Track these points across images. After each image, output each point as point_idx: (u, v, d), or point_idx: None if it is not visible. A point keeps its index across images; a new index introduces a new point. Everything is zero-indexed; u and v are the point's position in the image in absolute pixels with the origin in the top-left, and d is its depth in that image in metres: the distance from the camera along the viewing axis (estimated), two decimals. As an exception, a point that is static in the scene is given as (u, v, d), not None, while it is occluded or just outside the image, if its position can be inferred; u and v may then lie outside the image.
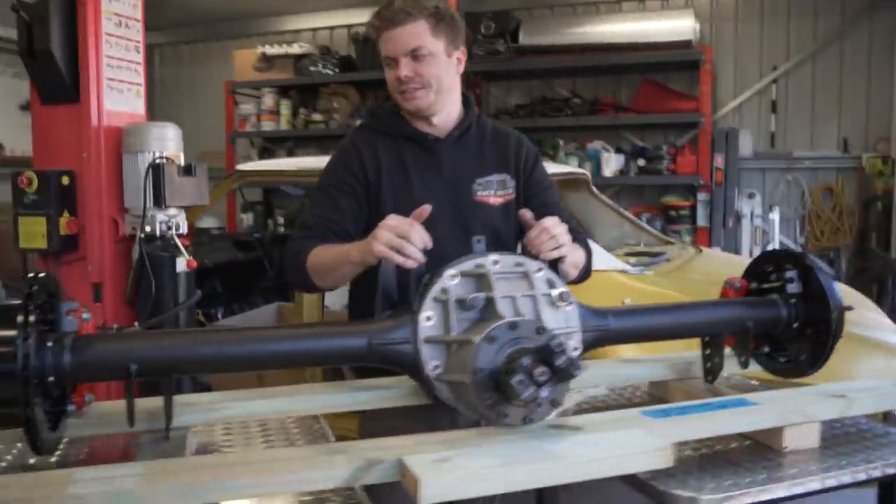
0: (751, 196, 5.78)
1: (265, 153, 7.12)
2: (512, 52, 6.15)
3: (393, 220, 1.50)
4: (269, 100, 6.86)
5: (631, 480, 1.36)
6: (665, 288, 2.72)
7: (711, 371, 1.77)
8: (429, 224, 1.62)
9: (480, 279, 1.46)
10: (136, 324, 2.44)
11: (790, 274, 1.75)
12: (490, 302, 1.42)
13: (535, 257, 1.54)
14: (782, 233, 5.94)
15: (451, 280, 1.46)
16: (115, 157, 2.46)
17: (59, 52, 2.37)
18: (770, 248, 5.78)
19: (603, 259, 2.85)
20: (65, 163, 2.44)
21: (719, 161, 5.74)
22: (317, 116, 6.75)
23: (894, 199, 5.48)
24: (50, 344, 1.22)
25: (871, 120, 5.84)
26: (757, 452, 1.50)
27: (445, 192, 1.85)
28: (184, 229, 2.50)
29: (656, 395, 1.89)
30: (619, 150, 6.18)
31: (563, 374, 1.29)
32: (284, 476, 1.15)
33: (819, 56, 5.97)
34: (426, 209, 1.53)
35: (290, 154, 6.88)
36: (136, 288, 2.43)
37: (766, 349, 1.81)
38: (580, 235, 1.84)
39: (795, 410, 1.50)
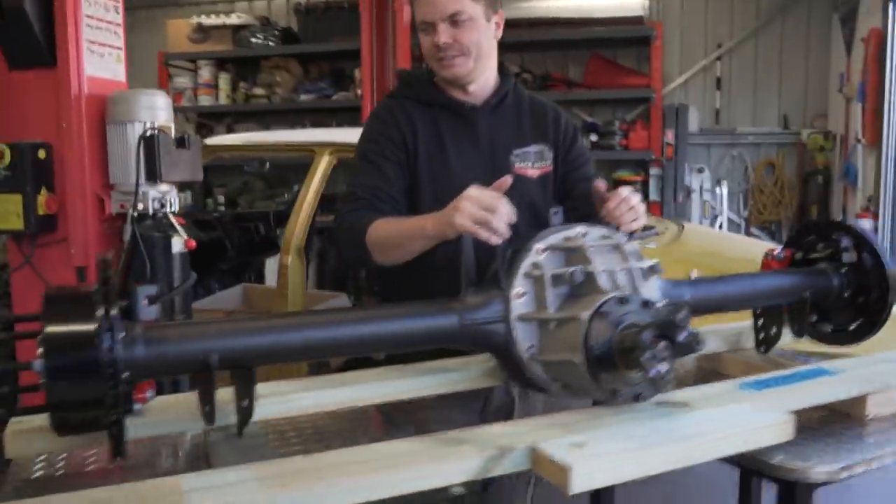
0: (700, 171, 5.91)
1: (202, 129, 6.76)
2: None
3: (476, 192, 1.41)
4: (206, 73, 6.51)
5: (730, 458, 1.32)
6: (676, 260, 2.70)
7: (766, 342, 1.76)
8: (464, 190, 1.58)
9: (573, 253, 1.38)
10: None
11: (844, 243, 1.74)
12: (590, 276, 1.34)
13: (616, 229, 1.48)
14: (720, 207, 6.10)
15: (540, 254, 1.37)
16: (97, 127, 2.23)
17: (33, 9, 2.11)
18: (718, 222, 5.94)
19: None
20: (40, 134, 2.19)
21: (670, 136, 5.82)
22: (258, 91, 6.45)
23: (833, 173, 5.72)
24: (122, 335, 1.06)
25: (809, 97, 6.05)
26: (839, 422, 1.48)
27: (482, 162, 1.78)
28: (176, 207, 2.30)
29: (706, 367, 1.86)
30: (569, 126, 6.18)
31: (683, 350, 1.22)
32: (413, 472, 1.04)
33: (761, 34, 6.13)
34: (507, 180, 1.44)
35: (230, 130, 6.56)
36: (126, 272, 2.21)
37: (814, 318, 1.81)
38: None
39: (879, 378, 1.49)
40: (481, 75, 1.80)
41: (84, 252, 2.21)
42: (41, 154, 2.17)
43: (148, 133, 2.16)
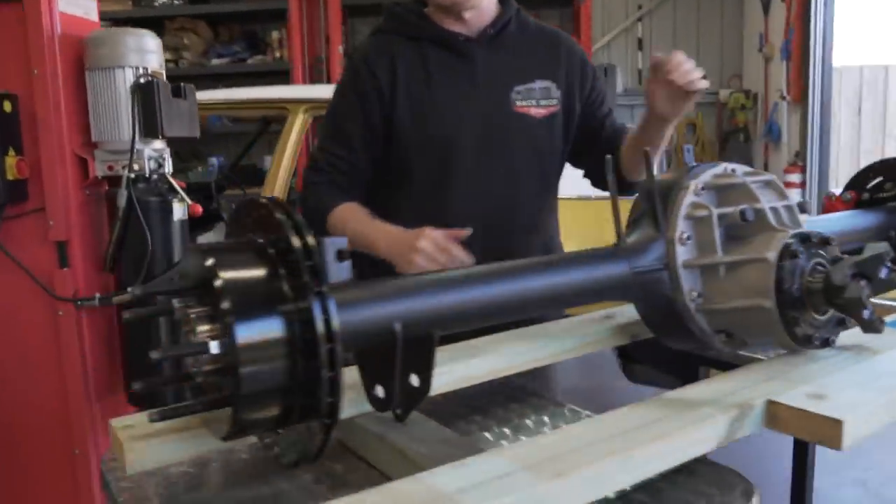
0: (629, 131, 5.97)
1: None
2: (385, -16, 5.76)
3: (437, 234, 1.33)
4: (101, 34, 5.87)
5: None
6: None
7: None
8: (460, 137, 1.56)
9: (732, 190, 1.25)
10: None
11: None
12: (759, 214, 1.21)
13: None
14: (651, 167, 6.21)
15: (699, 194, 1.23)
16: (74, 75, 1.88)
17: (-11, -71, 1.73)
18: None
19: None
20: (3, 83, 1.82)
21: (599, 98, 5.83)
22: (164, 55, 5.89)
23: (753, 131, 5.94)
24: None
25: (725, 58, 6.24)
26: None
27: (479, 102, 1.59)
28: (170, 168, 1.99)
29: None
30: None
31: (883, 286, 1.13)
32: (668, 444, 0.88)
33: (679, -5, 6.25)
34: (464, 233, 1.35)
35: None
36: (120, 245, 1.89)
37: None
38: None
39: None
40: (481, 1, 1.60)
41: (66, 225, 1.87)
42: (7, 107, 1.80)
43: (143, 80, 1.83)
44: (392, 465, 0.94)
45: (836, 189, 1.89)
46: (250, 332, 0.74)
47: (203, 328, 0.79)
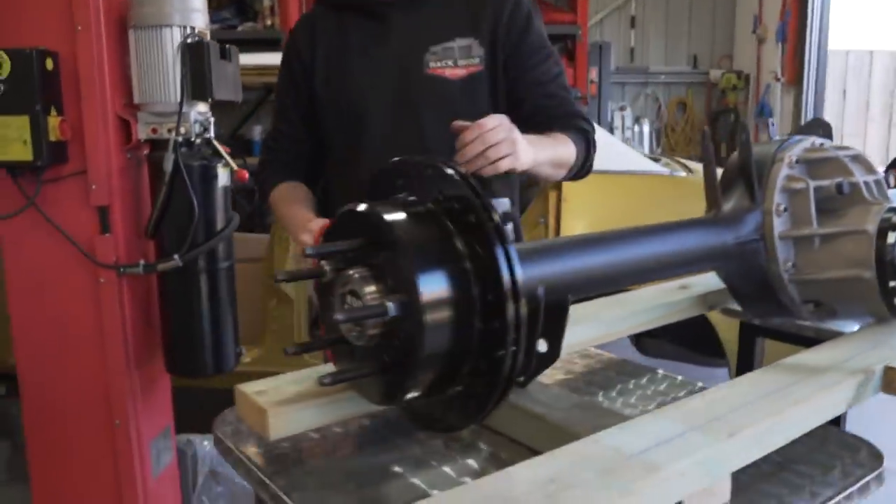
0: (622, 109, 6.00)
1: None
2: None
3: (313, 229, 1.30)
4: None
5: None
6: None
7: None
8: (368, 105, 1.52)
9: (824, 164, 1.26)
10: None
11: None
12: (854, 187, 1.23)
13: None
14: (640, 144, 6.27)
15: (791, 167, 1.24)
16: (117, 33, 1.81)
17: None
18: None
19: (632, 160, 2.74)
20: (44, 40, 1.74)
21: (594, 74, 5.85)
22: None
23: (744, 111, 6.01)
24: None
25: (716, 38, 6.28)
26: None
27: (389, 67, 1.50)
28: (214, 132, 1.94)
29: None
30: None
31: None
32: (810, 406, 0.89)
33: (672, -26, 6.27)
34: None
35: None
36: (164, 211, 1.84)
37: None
38: (575, 121, 1.49)
39: None
40: None
41: (107, 189, 1.81)
42: (48, 64, 1.73)
43: (192, 41, 1.78)
44: (526, 431, 0.94)
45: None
46: (432, 288, 0.73)
47: (370, 289, 0.77)
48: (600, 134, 1.77)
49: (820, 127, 1.71)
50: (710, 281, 1.38)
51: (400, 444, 0.96)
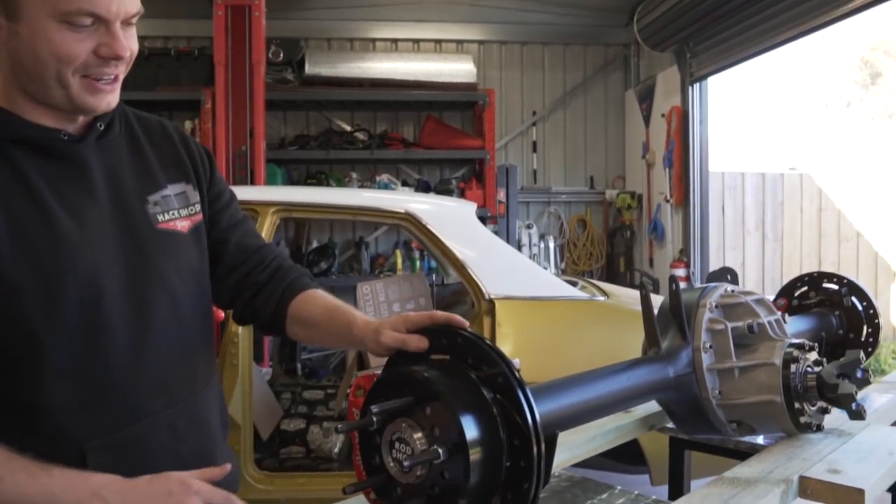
0: (528, 227, 6.44)
1: None
2: (299, 81, 6.03)
3: (206, 488, 1.02)
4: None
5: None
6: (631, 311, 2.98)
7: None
8: (94, 273, 1.12)
9: (736, 307, 1.56)
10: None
11: (840, 290, 2.14)
12: (762, 327, 1.53)
13: None
14: (547, 259, 6.71)
15: (713, 311, 1.54)
16: None
17: None
18: (548, 272, 6.49)
19: (556, 286, 3.03)
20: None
21: (502, 195, 6.29)
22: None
23: (638, 228, 6.57)
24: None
25: (609, 161, 6.92)
26: None
27: (107, 221, 1.17)
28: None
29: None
30: (405, 184, 6.41)
31: (861, 384, 1.46)
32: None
33: (568, 104, 6.91)
34: (222, 471, 1.08)
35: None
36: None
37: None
38: (299, 270, 1.41)
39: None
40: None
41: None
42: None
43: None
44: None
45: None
46: (473, 433, 0.93)
47: (417, 435, 0.96)
48: (526, 263, 2.04)
49: (727, 273, 2.04)
50: (648, 406, 1.63)
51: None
